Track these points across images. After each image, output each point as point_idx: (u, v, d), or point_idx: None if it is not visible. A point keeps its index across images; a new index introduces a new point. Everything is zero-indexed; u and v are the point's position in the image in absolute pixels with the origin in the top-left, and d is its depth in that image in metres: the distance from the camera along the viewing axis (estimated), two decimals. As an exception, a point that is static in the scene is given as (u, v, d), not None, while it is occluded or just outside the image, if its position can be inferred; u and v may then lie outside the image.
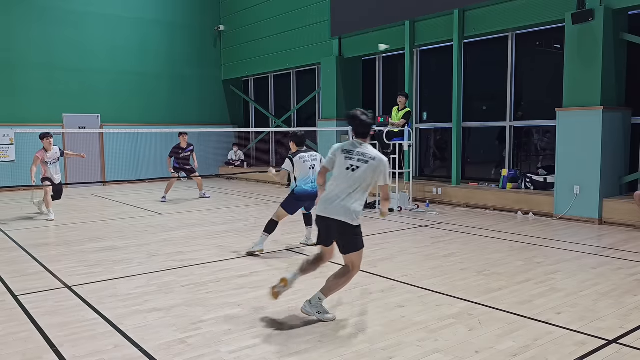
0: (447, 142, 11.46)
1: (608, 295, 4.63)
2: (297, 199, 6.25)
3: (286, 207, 6.29)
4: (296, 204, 6.31)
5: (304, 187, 6.19)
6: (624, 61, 8.48)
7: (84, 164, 14.79)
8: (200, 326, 3.95)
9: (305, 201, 6.31)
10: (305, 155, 6.27)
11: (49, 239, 7.37)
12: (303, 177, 6.21)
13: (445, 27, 10.55)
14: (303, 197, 6.24)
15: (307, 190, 6.18)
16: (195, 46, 17.05)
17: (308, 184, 6.18)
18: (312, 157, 6.32)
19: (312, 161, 6.28)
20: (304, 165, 6.21)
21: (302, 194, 6.21)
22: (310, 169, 6.23)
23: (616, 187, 8.44)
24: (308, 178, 6.20)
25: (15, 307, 4.43)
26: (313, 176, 6.18)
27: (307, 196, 6.19)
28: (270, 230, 6.26)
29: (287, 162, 6.29)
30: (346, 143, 4.14)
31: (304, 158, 6.24)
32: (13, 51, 13.81)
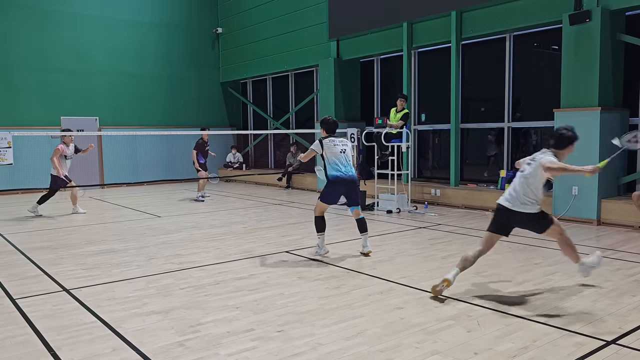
0: (446, 144, 11.47)
1: (607, 295, 4.63)
2: (333, 185, 6.02)
3: (324, 198, 6.07)
4: (333, 191, 6.07)
5: (335, 172, 5.99)
6: (621, 62, 8.49)
7: (82, 167, 14.79)
8: (199, 329, 3.94)
9: (342, 186, 6.03)
10: (335, 139, 6.12)
11: (47, 242, 7.36)
12: (333, 160, 6.00)
13: (443, 28, 10.57)
14: (338, 182, 6.00)
15: (340, 175, 5.97)
16: (194, 48, 17.07)
17: (340, 168, 5.99)
18: (342, 142, 6.15)
19: (342, 145, 6.10)
20: (334, 149, 6.03)
21: (336, 179, 5.99)
22: (341, 153, 6.04)
23: (614, 187, 8.45)
24: (339, 161, 6.00)
25: (14, 311, 4.42)
26: (346, 160, 6.03)
27: (343, 181, 5.98)
28: (321, 229, 6.14)
29: (315, 143, 6.11)
30: None
31: (334, 141, 6.09)
32: (11, 54, 13.81)
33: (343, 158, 6.05)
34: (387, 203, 9.87)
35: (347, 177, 5.98)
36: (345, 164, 6.02)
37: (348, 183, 5.99)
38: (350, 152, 6.17)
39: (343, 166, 6.00)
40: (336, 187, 6.04)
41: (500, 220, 4.75)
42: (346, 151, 6.09)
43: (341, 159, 6.03)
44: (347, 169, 6.01)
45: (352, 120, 13.00)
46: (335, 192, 6.09)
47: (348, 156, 6.10)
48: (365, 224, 6.21)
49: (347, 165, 6.04)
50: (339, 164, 6.00)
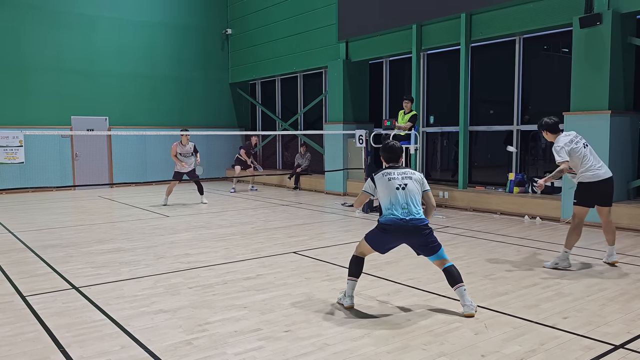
0: (454, 146, 11.44)
1: (615, 300, 4.61)
2: (382, 230, 4.40)
3: (370, 240, 4.50)
4: (381, 238, 4.44)
5: (390, 215, 4.36)
6: (632, 65, 8.44)
7: (92, 167, 14.91)
8: (207, 328, 3.97)
9: (394, 233, 4.35)
10: (393, 172, 4.51)
11: (57, 241, 7.43)
12: (389, 201, 4.40)
13: (453, 30, 10.55)
14: (390, 229, 4.34)
15: (394, 218, 4.33)
16: (203, 49, 17.14)
17: (397, 210, 4.35)
18: (403, 174, 4.50)
19: (402, 179, 4.46)
20: (389, 185, 4.44)
21: (387, 224, 4.35)
22: (399, 189, 4.41)
23: (624, 191, 8.40)
24: (397, 202, 4.37)
25: (24, 308, 4.47)
26: (405, 199, 4.38)
27: (397, 227, 4.31)
28: (353, 272, 4.55)
29: (368, 182, 4.62)
30: None
31: (389, 175, 4.49)
32: (23, 54, 13.94)
33: (401, 197, 4.39)
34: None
35: (406, 223, 4.30)
36: (405, 205, 4.36)
37: (406, 230, 4.31)
38: (416, 188, 4.48)
39: (401, 208, 4.35)
40: (387, 235, 4.40)
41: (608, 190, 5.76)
42: (408, 186, 4.43)
43: (398, 199, 4.38)
44: (405, 211, 4.34)
45: (361, 122, 13.01)
46: (386, 241, 4.45)
47: (413, 194, 4.42)
48: (456, 274, 4.39)
49: (406, 206, 4.36)
50: (396, 205, 4.37)
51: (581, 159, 5.69)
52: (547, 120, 5.92)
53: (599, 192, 5.71)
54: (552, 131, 5.91)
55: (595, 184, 5.66)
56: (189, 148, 11.14)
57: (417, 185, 4.47)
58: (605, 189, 5.73)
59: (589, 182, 5.67)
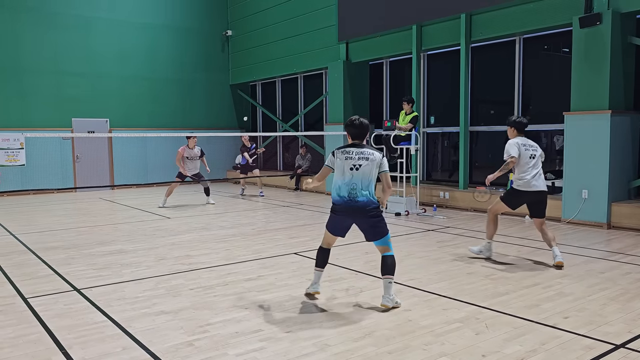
0: (455, 146, 11.45)
1: (616, 299, 4.61)
2: (332, 212, 4.51)
3: (327, 225, 4.61)
4: (333, 219, 4.51)
5: (338, 194, 4.41)
6: (632, 65, 8.44)
7: (93, 169, 14.94)
8: (208, 329, 3.97)
9: (341, 212, 4.41)
10: (351, 151, 4.42)
11: (58, 243, 7.44)
12: (340, 179, 4.41)
13: (453, 31, 10.56)
14: (338, 208, 4.42)
15: (341, 198, 4.38)
16: (203, 51, 17.17)
17: (344, 190, 4.37)
18: (361, 154, 4.41)
19: (358, 159, 4.39)
20: (345, 163, 4.40)
21: (335, 204, 4.45)
22: (352, 170, 4.37)
23: (625, 191, 8.40)
24: (346, 183, 4.37)
25: (25, 310, 4.48)
26: (354, 180, 4.35)
27: (343, 207, 4.37)
28: (320, 264, 4.65)
29: (329, 156, 4.58)
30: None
31: (347, 154, 4.42)
32: (23, 56, 13.97)
33: (351, 176, 4.37)
34: (396, 205, 9.88)
35: (350, 204, 4.34)
36: (354, 185, 4.35)
37: (352, 211, 4.36)
38: (372, 170, 4.40)
39: (350, 188, 4.34)
40: (336, 216, 4.48)
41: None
42: (361, 167, 4.37)
43: (346, 179, 4.38)
44: (353, 192, 4.34)
45: (361, 123, 12.99)
46: (336, 222, 4.51)
47: (365, 175, 4.37)
48: (390, 264, 4.45)
49: (355, 187, 4.35)
50: (343, 185, 4.39)
51: (523, 164, 5.98)
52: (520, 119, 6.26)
53: (526, 200, 6.00)
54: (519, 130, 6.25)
55: (523, 192, 5.93)
56: (196, 151, 11.26)
57: (372, 166, 4.39)
58: (532, 199, 5.96)
59: (519, 190, 5.98)
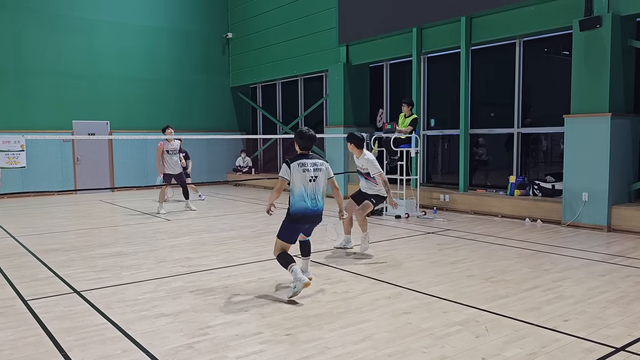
0: (455, 149, 11.45)
1: (616, 302, 4.61)
2: (293, 222, 4.85)
3: (283, 236, 4.89)
4: (292, 228, 4.87)
5: (301, 205, 4.78)
6: (632, 67, 8.45)
7: (93, 171, 14.94)
8: (208, 331, 3.97)
9: (303, 221, 4.86)
10: (306, 163, 4.83)
11: (58, 245, 7.44)
12: (301, 191, 4.78)
13: (453, 34, 10.57)
14: (300, 218, 4.81)
15: (304, 208, 4.78)
16: (204, 53, 17.19)
17: (307, 201, 4.78)
18: (315, 165, 4.87)
19: (314, 171, 4.83)
20: (303, 176, 4.78)
21: (298, 214, 4.79)
22: (311, 181, 4.80)
23: (625, 193, 8.40)
24: (308, 194, 4.79)
25: (25, 312, 4.48)
26: (314, 191, 4.82)
27: (306, 216, 4.81)
28: (287, 261, 4.79)
29: (283, 167, 4.87)
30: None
31: (304, 166, 4.81)
32: (24, 58, 13.98)
33: (311, 188, 4.80)
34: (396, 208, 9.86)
35: (313, 212, 4.82)
36: (314, 196, 4.80)
37: (312, 219, 4.88)
38: (323, 180, 4.92)
39: (311, 199, 4.78)
40: (298, 224, 4.88)
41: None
42: (318, 178, 4.83)
43: (307, 190, 4.79)
44: (314, 201, 4.80)
45: (361, 125, 13.02)
46: (297, 229, 4.91)
47: (320, 186, 4.86)
48: (309, 247, 5.28)
49: (315, 197, 4.82)
50: (305, 196, 4.78)
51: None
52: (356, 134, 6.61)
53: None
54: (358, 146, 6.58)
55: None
56: (175, 144, 10.70)
57: (324, 176, 4.92)
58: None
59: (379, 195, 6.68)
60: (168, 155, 10.58)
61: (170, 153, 10.63)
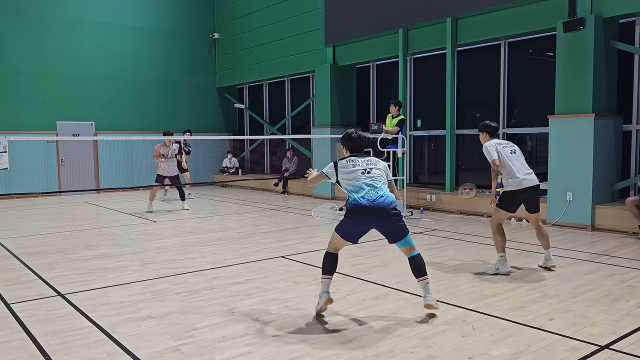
0: (441, 149, 11.51)
1: (600, 301, 4.66)
2: (350, 216, 4.30)
3: (340, 230, 4.39)
4: (350, 224, 4.33)
5: (356, 197, 4.26)
6: (614, 69, 8.56)
7: (78, 172, 14.78)
8: (194, 334, 3.94)
9: (362, 216, 4.24)
10: (356, 159, 4.45)
11: (42, 247, 7.34)
12: (354, 185, 4.33)
13: (439, 35, 10.63)
14: (358, 212, 4.23)
15: (360, 200, 4.22)
16: (190, 54, 17.09)
17: (363, 191, 4.26)
18: (368, 161, 4.45)
19: (367, 165, 4.41)
20: (353, 170, 4.37)
21: (354, 207, 4.25)
22: (364, 173, 4.34)
23: (608, 193, 8.50)
24: (362, 185, 4.29)
25: (8, 316, 4.41)
26: (370, 182, 4.30)
27: (364, 209, 4.20)
28: (329, 271, 4.40)
29: (329, 165, 4.58)
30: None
31: (353, 162, 4.42)
32: (7, 59, 13.79)
33: (367, 180, 4.32)
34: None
35: (375, 205, 4.21)
36: (372, 186, 4.29)
37: (376, 213, 4.23)
38: (381, 173, 4.44)
39: (372, 189, 4.27)
40: (358, 219, 4.29)
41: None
42: (372, 171, 4.38)
43: (362, 182, 4.32)
44: (374, 193, 4.25)
45: (348, 126, 13.03)
46: (356, 225, 4.34)
47: (376, 177, 4.36)
48: (421, 264, 4.44)
49: (376, 187, 4.29)
50: (362, 189, 4.28)
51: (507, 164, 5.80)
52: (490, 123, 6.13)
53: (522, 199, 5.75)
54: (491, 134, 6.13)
55: (517, 192, 5.67)
56: (173, 149, 10.97)
57: (381, 171, 4.43)
58: (527, 197, 5.72)
59: (512, 190, 5.74)
60: (164, 158, 10.81)
61: (167, 157, 10.80)
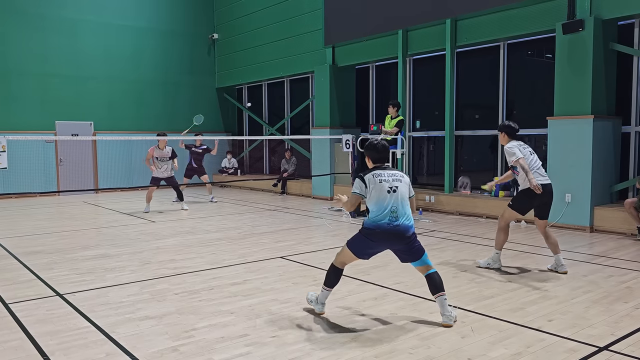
0: (440, 150, 11.51)
1: (599, 302, 4.66)
2: (366, 235, 4.13)
3: (353, 247, 4.24)
4: (365, 243, 4.17)
5: (377, 219, 4.07)
6: (613, 71, 8.57)
7: (76, 172, 14.76)
8: (193, 334, 3.94)
9: (380, 238, 4.09)
10: (383, 174, 4.19)
11: (40, 247, 7.33)
12: (378, 204, 4.09)
13: (438, 36, 10.63)
14: (376, 234, 4.08)
15: (381, 223, 4.05)
16: (189, 54, 17.09)
17: (385, 214, 4.05)
18: (394, 176, 4.19)
19: (393, 181, 4.15)
20: (380, 187, 4.11)
21: (373, 229, 4.08)
22: (390, 192, 4.10)
23: (607, 195, 8.51)
24: (386, 206, 4.06)
25: (6, 316, 4.40)
26: (394, 203, 4.08)
27: (383, 232, 4.05)
28: (331, 284, 4.36)
29: (357, 182, 4.22)
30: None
31: (381, 177, 4.16)
32: (6, 58, 13.77)
33: (391, 200, 4.09)
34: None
35: (393, 229, 4.04)
36: (395, 209, 4.07)
37: (393, 236, 4.08)
38: (406, 191, 4.22)
39: (391, 212, 4.06)
40: (372, 242, 4.14)
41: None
42: (399, 189, 4.14)
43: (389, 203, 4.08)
44: (394, 216, 4.06)
45: (347, 127, 13.04)
46: (369, 247, 4.20)
47: (402, 198, 4.15)
48: (438, 281, 4.20)
49: (396, 210, 4.07)
50: (385, 210, 4.07)
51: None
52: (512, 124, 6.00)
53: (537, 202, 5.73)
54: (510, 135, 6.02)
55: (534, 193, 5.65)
56: (166, 152, 10.84)
57: (405, 188, 4.20)
58: (542, 199, 5.69)
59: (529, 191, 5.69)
60: (158, 161, 10.77)
61: (160, 159, 10.77)
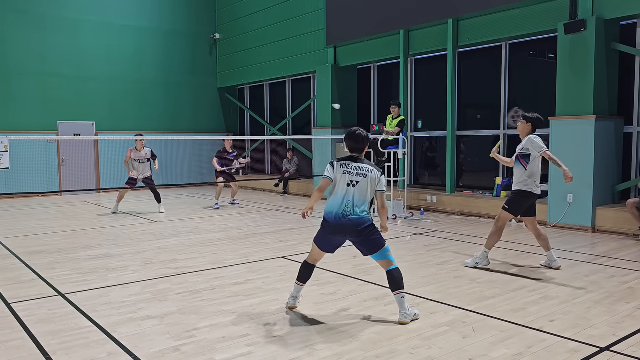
0: (442, 151, 11.50)
1: (601, 303, 4.66)
2: (322, 226, 4.27)
3: (316, 240, 4.38)
4: (322, 234, 4.30)
5: (331, 210, 4.20)
6: (615, 70, 8.56)
7: (79, 172, 14.79)
8: (195, 334, 3.94)
9: (332, 228, 4.19)
10: (350, 165, 4.25)
11: (43, 247, 7.34)
12: (335, 194, 4.23)
13: (440, 36, 10.63)
14: (328, 224, 4.20)
15: (333, 213, 4.18)
16: (191, 54, 17.10)
17: (338, 205, 4.17)
18: (359, 170, 4.23)
19: (356, 175, 4.21)
20: (342, 178, 4.22)
21: (326, 219, 4.22)
22: (349, 186, 4.18)
23: (609, 195, 8.50)
24: (340, 198, 4.19)
25: (8, 315, 4.42)
26: (349, 197, 4.17)
27: (334, 222, 4.16)
28: (302, 279, 4.48)
29: (328, 167, 4.33)
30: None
31: (346, 168, 4.24)
32: (9, 58, 13.80)
33: (349, 193, 4.19)
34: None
35: (344, 222, 4.13)
36: (349, 202, 4.15)
37: (344, 230, 4.15)
38: (368, 188, 4.22)
39: (346, 205, 4.15)
40: (327, 232, 4.26)
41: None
42: (359, 184, 4.19)
43: (343, 194, 4.20)
44: (348, 209, 4.14)
45: (349, 127, 13.01)
46: (327, 238, 4.29)
47: (363, 193, 4.20)
48: (398, 278, 4.22)
49: (350, 204, 4.15)
50: (339, 200, 4.19)
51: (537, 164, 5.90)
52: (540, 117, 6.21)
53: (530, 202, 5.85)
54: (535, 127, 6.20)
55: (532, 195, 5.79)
56: (144, 154, 10.76)
57: (370, 184, 4.21)
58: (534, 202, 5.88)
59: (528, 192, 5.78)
60: (136, 163, 10.75)
61: (138, 161, 10.77)
